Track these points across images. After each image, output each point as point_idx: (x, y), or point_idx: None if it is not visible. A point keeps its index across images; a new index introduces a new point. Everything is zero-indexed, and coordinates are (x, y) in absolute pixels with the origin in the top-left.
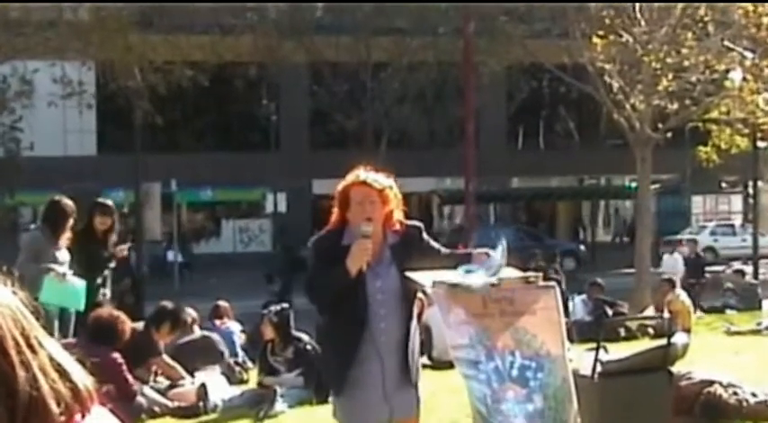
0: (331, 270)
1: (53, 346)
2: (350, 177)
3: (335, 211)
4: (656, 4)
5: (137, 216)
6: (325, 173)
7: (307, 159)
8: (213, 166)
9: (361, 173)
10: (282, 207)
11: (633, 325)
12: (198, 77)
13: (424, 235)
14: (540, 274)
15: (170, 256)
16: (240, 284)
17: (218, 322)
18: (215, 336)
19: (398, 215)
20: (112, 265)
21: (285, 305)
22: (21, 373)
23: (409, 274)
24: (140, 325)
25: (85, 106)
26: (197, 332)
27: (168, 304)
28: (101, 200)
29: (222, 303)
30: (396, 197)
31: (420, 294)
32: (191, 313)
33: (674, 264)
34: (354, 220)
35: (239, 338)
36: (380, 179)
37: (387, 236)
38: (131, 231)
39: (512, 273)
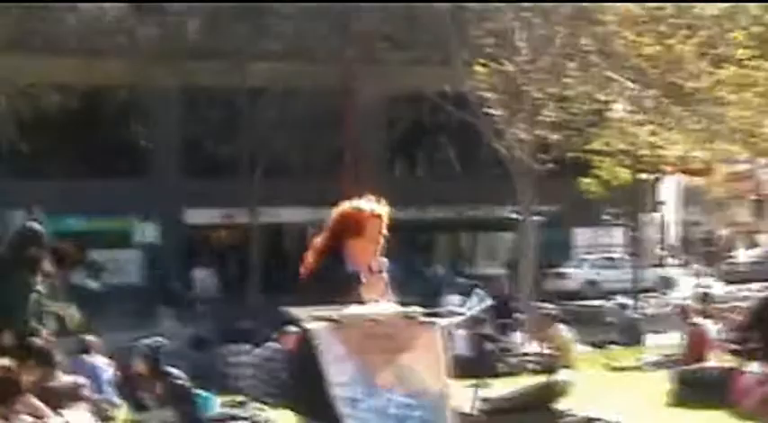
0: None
1: None
2: (363, 206)
3: (328, 234)
4: (538, 33)
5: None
6: (198, 202)
7: (179, 188)
8: (81, 194)
9: (374, 205)
10: (153, 237)
11: (515, 361)
12: (66, 102)
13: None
14: (420, 310)
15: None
16: (109, 317)
17: (85, 357)
18: (81, 380)
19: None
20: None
21: (157, 339)
22: None
23: (287, 308)
24: (4, 361)
25: None
26: (63, 377)
27: (36, 340)
28: (30, 225)
29: (90, 338)
30: None
31: None
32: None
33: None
34: (365, 251)
35: (108, 374)
36: (385, 210)
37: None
38: None
39: (392, 308)
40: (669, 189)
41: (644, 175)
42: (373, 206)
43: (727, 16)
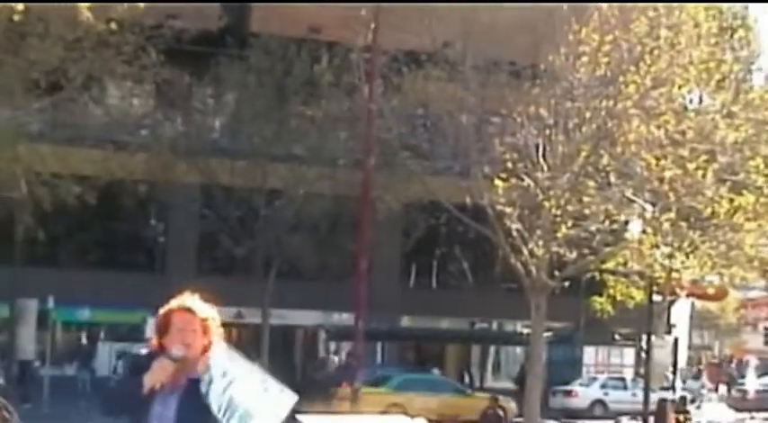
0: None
1: None
2: (173, 303)
3: (155, 336)
4: (560, 151)
5: (10, 333)
6: (210, 299)
7: (192, 284)
8: (94, 285)
9: (186, 299)
10: None
11: None
12: (85, 195)
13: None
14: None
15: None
16: None
17: None
18: None
19: (223, 343)
20: None
21: None
22: None
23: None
24: None
25: None
26: None
27: None
28: None
29: None
30: (217, 329)
31: None
32: None
33: None
34: (171, 346)
35: None
36: (205, 308)
37: (196, 368)
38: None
39: (401, 420)
40: (682, 312)
41: (657, 297)
42: (183, 299)
43: (748, 144)
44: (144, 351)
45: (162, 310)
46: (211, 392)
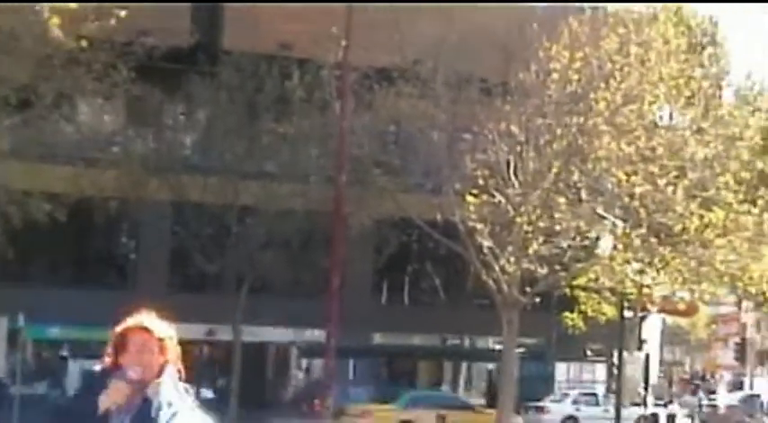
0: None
1: None
2: (130, 321)
3: (110, 353)
4: (531, 168)
5: None
6: (181, 317)
7: (163, 301)
8: (64, 303)
9: (144, 317)
10: None
11: None
12: (55, 212)
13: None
14: None
15: None
16: None
17: None
18: None
19: (173, 369)
20: None
21: None
22: None
23: None
24: None
25: None
26: None
27: None
28: None
29: None
30: (174, 349)
31: None
32: None
33: None
34: (128, 366)
35: None
36: (162, 327)
37: (150, 387)
38: None
39: None
40: (653, 328)
41: (628, 313)
42: (141, 318)
43: (718, 160)
44: (98, 367)
45: (119, 329)
46: (157, 420)
